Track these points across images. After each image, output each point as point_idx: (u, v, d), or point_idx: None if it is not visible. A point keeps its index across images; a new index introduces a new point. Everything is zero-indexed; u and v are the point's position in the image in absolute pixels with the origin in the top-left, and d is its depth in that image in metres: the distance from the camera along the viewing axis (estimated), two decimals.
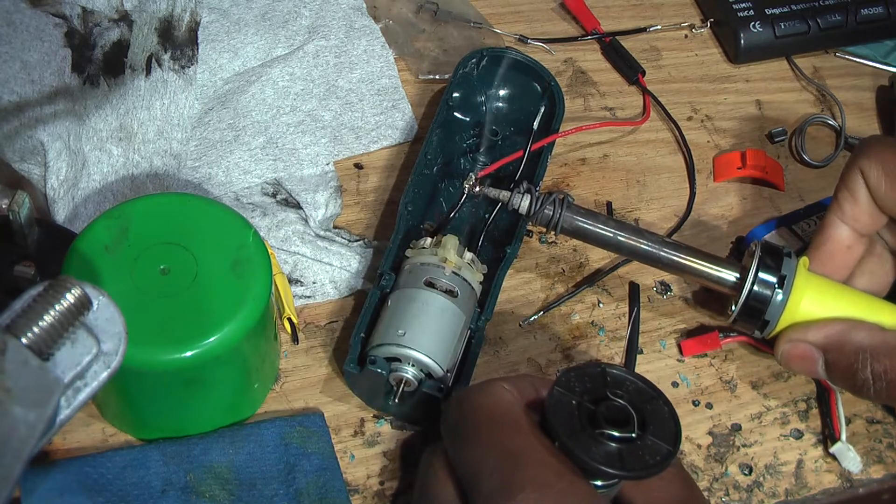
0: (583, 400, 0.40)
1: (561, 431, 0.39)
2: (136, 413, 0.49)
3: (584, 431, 0.39)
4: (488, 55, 0.62)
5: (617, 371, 0.42)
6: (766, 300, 0.52)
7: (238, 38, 0.64)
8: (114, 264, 0.46)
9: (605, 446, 0.39)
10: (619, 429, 0.39)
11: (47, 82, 0.59)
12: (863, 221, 0.53)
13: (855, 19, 0.70)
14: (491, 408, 0.41)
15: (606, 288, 0.58)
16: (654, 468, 0.39)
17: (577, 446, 0.38)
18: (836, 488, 0.53)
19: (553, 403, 0.40)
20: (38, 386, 0.33)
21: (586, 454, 0.38)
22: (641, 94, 0.67)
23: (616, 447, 0.39)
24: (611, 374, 0.41)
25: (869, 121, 0.69)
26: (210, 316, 0.45)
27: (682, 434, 0.40)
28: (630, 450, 0.39)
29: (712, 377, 0.56)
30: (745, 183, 0.64)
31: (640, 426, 0.39)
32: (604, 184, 0.63)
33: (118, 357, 0.36)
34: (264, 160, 0.60)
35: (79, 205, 0.55)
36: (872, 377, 0.49)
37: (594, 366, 0.42)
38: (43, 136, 0.55)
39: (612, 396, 0.40)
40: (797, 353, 0.51)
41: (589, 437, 0.39)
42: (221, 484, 0.47)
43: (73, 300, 0.34)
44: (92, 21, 0.62)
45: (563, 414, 0.39)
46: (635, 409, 0.40)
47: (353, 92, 0.64)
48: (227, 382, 0.48)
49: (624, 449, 0.39)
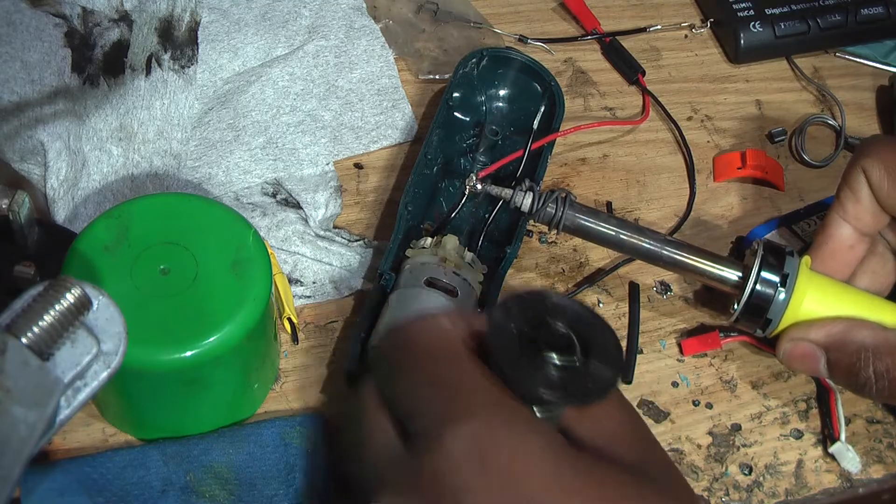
0: (523, 327, 0.39)
1: (502, 358, 0.38)
2: (136, 413, 0.49)
3: (526, 358, 0.38)
4: (488, 55, 0.62)
5: (557, 299, 0.40)
6: (769, 299, 0.52)
7: (238, 38, 0.64)
8: (114, 264, 0.46)
9: (547, 373, 0.37)
10: (561, 355, 0.38)
11: (47, 82, 0.59)
12: (865, 221, 0.53)
13: (855, 19, 0.70)
14: (426, 339, 0.40)
15: (606, 288, 0.58)
16: (597, 395, 0.38)
17: (519, 373, 0.37)
18: (836, 488, 0.53)
19: (493, 331, 0.38)
20: (38, 386, 0.33)
21: (528, 380, 0.37)
22: (641, 93, 0.67)
23: (558, 374, 0.38)
24: (551, 301, 0.40)
25: (869, 121, 0.69)
26: (210, 316, 0.45)
27: (623, 360, 0.39)
28: (572, 376, 0.38)
29: (712, 377, 0.56)
30: (746, 183, 0.64)
31: (583, 353, 0.38)
32: (604, 184, 0.63)
33: (118, 357, 0.36)
34: (264, 160, 0.60)
35: (79, 205, 0.55)
36: (874, 376, 0.49)
37: (534, 293, 0.40)
38: (43, 136, 0.55)
39: (553, 323, 0.39)
40: (799, 352, 0.51)
41: (531, 363, 0.38)
42: (221, 484, 0.47)
43: (73, 300, 0.34)
44: (92, 21, 0.62)
45: (503, 341, 0.38)
46: (577, 337, 0.38)
47: (353, 92, 0.64)
48: (227, 382, 0.48)
49: (566, 376, 0.38)
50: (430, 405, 0.38)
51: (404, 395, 0.39)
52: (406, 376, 0.40)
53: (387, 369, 0.41)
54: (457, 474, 0.36)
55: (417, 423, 0.38)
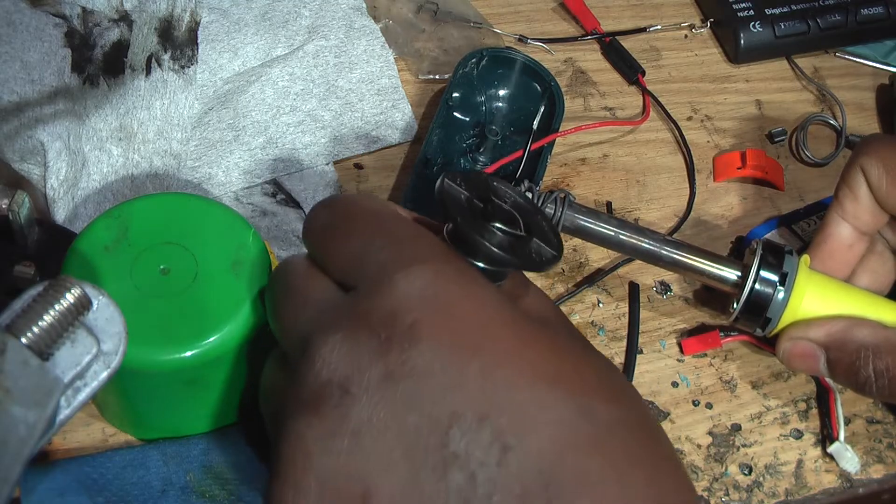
0: (471, 198, 0.40)
1: (454, 213, 0.38)
2: (136, 413, 0.49)
3: (476, 221, 0.38)
4: (488, 55, 0.62)
5: (500, 183, 0.41)
6: (768, 298, 0.52)
7: (238, 38, 0.64)
8: (114, 264, 0.46)
9: (496, 237, 0.38)
10: (507, 227, 0.39)
11: (47, 82, 0.59)
12: (864, 220, 0.53)
13: (855, 19, 0.70)
14: (368, 202, 0.40)
15: (606, 288, 0.58)
16: (541, 266, 0.39)
17: (472, 227, 0.38)
18: (836, 488, 0.53)
19: (444, 192, 0.39)
20: (37, 386, 0.33)
21: (481, 235, 0.38)
22: (641, 94, 0.67)
23: (507, 240, 0.38)
24: (494, 185, 0.41)
25: (869, 120, 0.69)
26: (210, 316, 0.45)
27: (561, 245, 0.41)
28: (519, 245, 0.39)
29: (712, 377, 0.56)
30: (745, 183, 0.64)
31: (526, 231, 0.39)
32: (604, 184, 0.63)
33: (118, 357, 0.36)
34: (264, 160, 0.60)
35: (79, 205, 0.55)
36: (874, 374, 0.49)
37: (479, 173, 0.41)
38: (43, 136, 0.55)
39: (497, 201, 0.40)
40: (799, 351, 0.51)
41: (481, 226, 0.38)
42: (221, 484, 0.47)
43: (73, 300, 0.34)
44: (92, 21, 0.62)
45: (454, 203, 0.39)
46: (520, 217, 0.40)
47: (353, 92, 0.64)
48: (227, 382, 0.48)
49: (513, 242, 0.38)
50: (381, 252, 0.37)
51: (350, 249, 0.38)
52: (351, 234, 0.38)
53: (325, 234, 0.40)
54: (410, 311, 0.35)
55: (363, 273, 0.37)
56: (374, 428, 0.33)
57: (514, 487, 0.32)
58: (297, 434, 0.34)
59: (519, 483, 0.32)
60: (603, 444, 0.33)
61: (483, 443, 0.33)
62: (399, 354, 0.34)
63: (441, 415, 0.33)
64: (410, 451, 0.33)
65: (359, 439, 0.33)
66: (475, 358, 0.34)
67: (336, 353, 0.35)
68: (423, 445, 0.33)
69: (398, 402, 0.33)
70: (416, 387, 0.33)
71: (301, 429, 0.34)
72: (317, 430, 0.34)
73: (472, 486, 0.32)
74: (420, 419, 0.33)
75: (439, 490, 0.32)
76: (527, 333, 0.36)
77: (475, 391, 0.33)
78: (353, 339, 0.35)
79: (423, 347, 0.34)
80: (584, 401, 0.34)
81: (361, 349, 0.34)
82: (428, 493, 0.32)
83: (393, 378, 0.34)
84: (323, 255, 0.39)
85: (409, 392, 0.33)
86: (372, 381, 0.34)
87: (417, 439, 0.33)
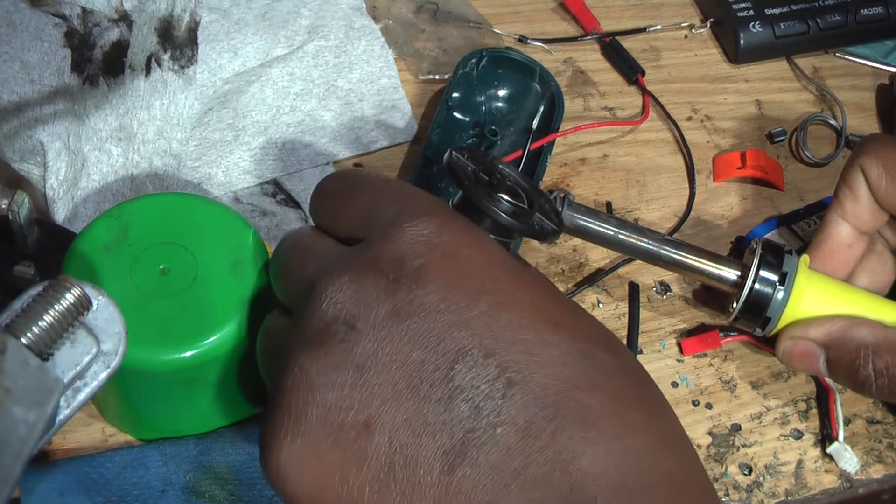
0: (477, 169, 0.41)
1: (462, 179, 0.39)
2: (135, 413, 0.49)
3: (483, 189, 0.39)
4: (488, 55, 0.62)
5: (503, 165, 0.42)
6: (768, 297, 0.52)
7: (238, 38, 0.64)
8: (114, 264, 0.46)
9: (501, 204, 0.39)
10: (511, 199, 0.40)
11: (47, 82, 0.59)
12: (863, 219, 0.53)
13: (855, 19, 0.70)
14: (375, 173, 0.41)
15: (606, 288, 0.58)
16: (546, 234, 0.40)
17: (479, 192, 0.39)
18: (836, 488, 0.53)
19: (452, 163, 0.40)
20: (37, 386, 0.33)
21: (487, 200, 0.39)
22: (641, 94, 0.67)
23: (510, 209, 0.39)
24: (498, 165, 0.42)
25: (869, 120, 0.69)
26: (210, 316, 0.45)
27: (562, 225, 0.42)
28: (522, 215, 0.40)
29: (712, 377, 0.56)
30: (745, 183, 0.64)
31: (528, 206, 0.41)
32: (603, 184, 0.63)
33: (118, 357, 0.36)
34: (264, 160, 0.60)
35: (78, 205, 0.55)
36: (874, 374, 0.49)
37: (484, 153, 0.43)
38: (43, 136, 0.55)
39: (501, 176, 0.41)
40: (798, 351, 0.51)
41: (488, 193, 0.39)
42: (221, 484, 0.47)
43: (73, 300, 0.34)
44: (92, 21, 0.62)
45: (462, 172, 0.40)
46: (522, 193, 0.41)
47: (353, 92, 0.64)
48: (227, 382, 0.48)
49: (517, 212, 0.39)
50: (385, 211, 0.38)
51: (355, 209, 0.39)
52: (357, 195, 0.39)
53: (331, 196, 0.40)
54: (418, 255, 0.35)
55: (371, 226, 0.38)
56: (380, 361, 0.34)
57: (518, 420, 0.33)
58: (301, 367, 0.35)
59: (523, 416, 0.33)
60: (604, 384, 0.34)
61: (489, 377, 0.33)
62: (406, 293, 0.35)
63: (447, 350, 0.34)
64: (415, 383, 0.34)
65: (363, 372, 0.34)
66: (482, 298, 0.35)
67: (343, 292, 0.35)
68: (429, 379, 0.34)
69: (404, 338, 0.34)
70: (422, 324, 0.34)
71: (305, 363, 0.35)
72: (321, 363, 0.34)
73: (477, 416, 0.33)
74: (426, 354, 0.34)
75: (443, 420, 0.33)
76: (531, 283, 0.37)
77: (481, 329, 0.34)
78: (360, 280, 0.35)
79: (430, 288, 0.35)
80: (584, 346, 0.35)
81: (369, 289, 0.35)
82: (432, 423, 0.33)
83: (399, 315, 0.34)
84: (331, 218, 0.40)
85: (415, 328, 0.34)
86: (378, 317, 0.34)
87: (422, 373, 0.34)
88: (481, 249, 0.37)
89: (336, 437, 0.33)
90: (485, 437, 0.33)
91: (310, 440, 0.34)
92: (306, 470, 0.34)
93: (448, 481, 0.33)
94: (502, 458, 0.33)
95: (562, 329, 0.35)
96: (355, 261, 0.36)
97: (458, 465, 0.33)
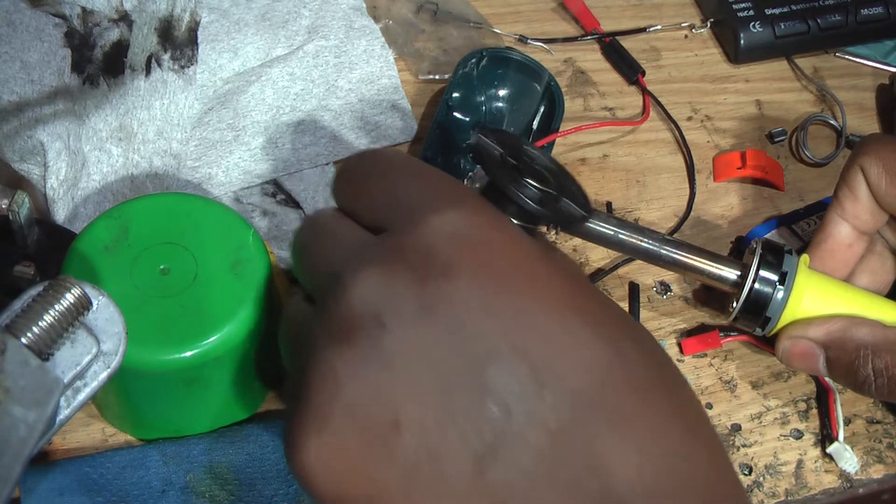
0: (505, 153, 0.40)
1: (488, 164, 0.39)
2: (136, 413, 0.49)
3: (509, 174, 0.39)
4: (488, 55, 0.62)
5: (529, 146, 0.42)
6: (768, 297, 0.52)
7: (238, 38, 0.64)
8: (114, 264, 0.46)
9: (529, 190, 0.38)
10: (539, 184, 0.39)
11: (47, 82, 0.59)
12: (863, 219, 0.53)
13: (855, 19, 0.70)
14: (400, 155, 0.40)
15: (606, 288, 0.58)
16: (570, 223, 0.40)
17: (506, 178, 0.38)
18: (836, 488, 0.53)
19: (479, 146, 0.39)
20: (37, 386, 0.33)
21: (514, 186, 0.38)
22: (641, 94, 0.67)
23: (538, 195, 0.39)
24: (526, 146, 0.41)
25: (869, 120, 0.69)
26: (210, 316, 0.45)
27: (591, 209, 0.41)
28: (549, 201, 0.39)
29: (712, 377, 0.56)
30: (745, 183, 0.64)
31: (556, 190, 0.40)
32: (604, 184, 0.63)
33: (118, 357, 0.36)
34: (264, 160, 0.60)
35: (78, 205, 0.55)
36: (874, 373, 0.49)
37: (511, 134, 0.42)
38: (43, 136, 0.55)
39: (529, 160, 0.40)
40: (798, 351, 0.51)
41: (515, 179, 0.38)
42: (221, 484, 0.47)
43: (73, 300, 0.34)
44: (92, 21, 0.62)
45: (489, 156, 0.39)
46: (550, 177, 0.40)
47: (353, 92, 0.64)
48: (227, 382, 0.48)
49: (544, 198, 0.39)
50: (412, 199, 0.37)
51: (380, 194, 0.38)
52: (382, 178, 0.38)
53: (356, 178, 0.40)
54: (446, 248, 0.34)
55: (397, 214, 0.37)
56: (408, 359, 0.33)
57: (549, 421, 0.32)
58: (328, 363, 0.34)
59: (555, 418, 0.32)
60: (634, 381, 0.34)
61: (520, 377, 0.33)
62: (435, 289, 0.34)
63: (477, 348, 0.33)
64: (444, 382, 0.33)
65: (391, 370, 0.33)
66: (511, 294, 0.34)
67: (370, 286, 0.34)
68: (458, 377, 0.33)
69: (433, 335, 0.33)
70: (451, 320, 0.33)
71: (332, 358, 0.34)
72: (348, 359, 0.33)
73: (507, 418, 0.32)
74: (455, 351, 0.33)
75: (473, 421, 0.32)
76: (559, 273, 0.36)
77: (512, 326, 0.33)
78: (387, 273, 0.34)
79: (459, 283, 0.34)
80: (614, 341, 0.34)
81: (396, 283, 0.34)
82: (461, 424, 0.32)
83: (428, 311, 0.33)
84: (354, 201, 0.39)
85: (444, 325, 0.33)
86: (406, 313, 0.34)
87: (452, 371, 0.33)
88: (510, 240, 0.36)
89: (363, 434, 0.33)
90: (516, 440, 0.32)
91: (336, 437, 0.33)
92: (332, 467, 0.33)
93: (477, 483, 0.32)
94: (533, 462, 0.32)
95: (593, 324, 0.34)
96: (382, 252, 0.35)
97: (488, 468, 0.32)
